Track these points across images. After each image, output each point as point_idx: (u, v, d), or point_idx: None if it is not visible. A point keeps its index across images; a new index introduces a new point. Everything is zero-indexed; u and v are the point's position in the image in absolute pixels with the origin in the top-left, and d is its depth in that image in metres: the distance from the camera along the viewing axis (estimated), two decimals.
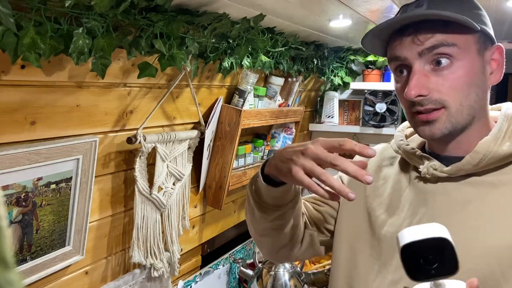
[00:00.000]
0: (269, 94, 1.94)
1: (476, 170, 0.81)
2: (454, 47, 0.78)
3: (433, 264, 0.60)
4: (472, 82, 0.80)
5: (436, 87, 0.79)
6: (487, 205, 0.80)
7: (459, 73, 0.79)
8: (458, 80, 0.79)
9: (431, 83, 0.79)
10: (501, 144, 0.80)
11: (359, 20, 1.56)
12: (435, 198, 0.84)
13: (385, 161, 0.99)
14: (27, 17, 0.84)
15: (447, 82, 0.79)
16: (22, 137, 1.00)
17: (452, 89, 0.79)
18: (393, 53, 0.84)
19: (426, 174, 0.85)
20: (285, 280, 1.84)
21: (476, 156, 0.80)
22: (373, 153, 0.74)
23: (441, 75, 0.79)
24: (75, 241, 1.18)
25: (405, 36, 0.81)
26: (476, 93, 0.81)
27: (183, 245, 1.65)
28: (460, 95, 0.79)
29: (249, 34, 1.46)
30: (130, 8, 1.00)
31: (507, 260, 0.75)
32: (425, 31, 0.79)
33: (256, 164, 1.98)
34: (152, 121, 1.36)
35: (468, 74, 0.79)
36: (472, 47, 0.80)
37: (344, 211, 1.00)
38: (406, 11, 0.84)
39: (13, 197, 1.00)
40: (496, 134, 0.81)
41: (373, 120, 2.44)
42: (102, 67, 1.02)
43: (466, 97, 0.80)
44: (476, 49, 0.81)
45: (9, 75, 0.92)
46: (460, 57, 0.79)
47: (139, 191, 1.32)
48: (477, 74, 0.81)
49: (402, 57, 0.82)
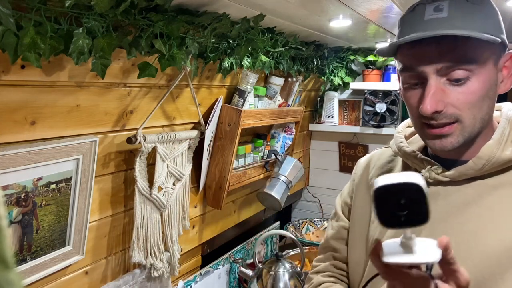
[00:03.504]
0: (269, 94, 1.94)
1: (479, 174, 0.81)
2: (474, 63, 0.76)
3: (404, 211, 0.60)
4: (486, 95, 0.78)
5: (452, 102, 0.77)
6: (487, 207, 0.79)
7: (475, 88, 0.77)
8: (474, 95, 0.77)
9: (447, 97, 0.77)
10: (504, 149, 0.80)
11: (359, 20, 1.56)
12: (435, 201, 0.83)
13: (385, 166, 0.99)
14: (27, 17, 0.84)
15: (463, 96, 0.77)
16: (22, 137, 1.00)
17: (467, 104, 0.77)
18: (408, 62, 0.80)
19: (428, 178, 0.84)
20: (285, 280, 1.84)
21: (479, 162, 0.80)
22: None
23: (457, 90, 0.77)
24: (75, 241, 1.18)
25: (423, 48, 0.77)
26: (488, 105, 0.80)
27: (183, 245, 1.65)
28: (474, 109, 0.78)
29: (249, 34, 1.46)
30: (130, 8, 1.00)
31: (506, 262, 0.75)
32: (447, 46, 0.75)
33: (256, 164, 1.98)
34: (152, 121, 1.36)
35: (484, 88, 0.77)
36: (490, 59, 0.78)
37: (351, 227, 1.02)
38: (423, 14, 0.78)
39: (13, 197, 1.00)
40: (499, 139, 0.81)
41: (373, 120, 2.44)
42: (102, 67, 1.02)
43: (479, 111, 0.78)
44: (493, 60, 0.79)
45: (9, 75, 0.92)
46: (478, 71, 0.76)
47: (139, 191, 1.32)
48: (491, 86, 0.79)
49: (419, 70, 0.78)
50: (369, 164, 1.03)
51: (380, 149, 1.05)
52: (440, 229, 0.81)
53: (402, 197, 0.60)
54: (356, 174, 1.05)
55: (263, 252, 2.34)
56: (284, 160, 2.03)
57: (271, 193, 1.92)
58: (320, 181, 2.83)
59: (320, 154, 2.83)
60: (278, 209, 2.05)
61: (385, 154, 1.01)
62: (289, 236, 2.01)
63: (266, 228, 2.39)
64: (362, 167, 1.04)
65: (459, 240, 0.79)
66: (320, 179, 2.83)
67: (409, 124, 1.00)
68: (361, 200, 1.01)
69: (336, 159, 2.76)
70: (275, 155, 2.06)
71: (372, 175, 1.00)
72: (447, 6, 0.77)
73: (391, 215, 0.61)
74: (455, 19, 0.76)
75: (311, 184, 2.87)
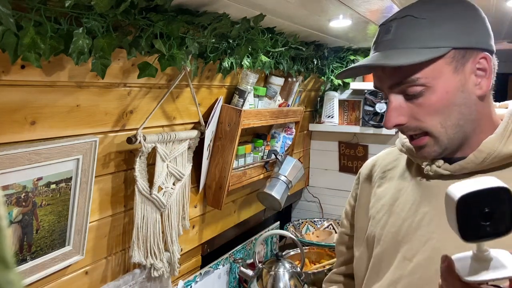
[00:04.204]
0: (269, 94, 1.94)
1: (480, 168, 0.81)
2: (421, 80, 0.78)
3: (487, 221, 0.55)
4: (449, 103, 0.79)
5: (412, 115, 0.81)
6: None
7: (432, 100, 0.79)
8: (432, 106, 0.79)
9: (406, 112, 0.81)
10: (507, 143, 0.79)
11: (359, 20, 1.56)
12: (436, 197, 0.84)
13: (389, 164, 1.00)
14: (27, 17, 0.84)
15: (422, 109, 0.80)
16: (22, 137, 1.00)
17: (428, 115, 0.80)
18: (374, 83, 0.88)
19: (429, 171, 0.85)
20: (285, 280, 1.84)
21: (480, 155, 0.80)
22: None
23: (415, 103, 0.80)
24: (75, 241, 1.18)
25: (375, 70, 0.85)
26: (459, 111, 0.80)
27: (183, 245, 1.65)
28: (438, 119, 0.80)
29: (249, 34, 1.46)
30: (130, 8, 1.00)
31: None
32: (388, 70, 0.81)
33: (256, 164, 1.98)
34: (152, 121, 1.36)
35: (443, 98, 0.78)
36: (445, 69, 0.78)
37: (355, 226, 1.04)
38: (379, 36, 0.84)
39: (13, 197, 1.00)
40: (502, 133, 0.81)
41: (373, 120, 2.44)
42: (102, 67, 1.02)
43: (447, 119, 0.79)
44: (451, 70, 0.79)
45: (9, 75, 0.92)
46: (431, 83, 0.78)
47: (139, 191, 1.32)
48: (454, 93, 0.79)
49: (379, 88, 0.85)
50: (375, 164, 1.05)
51: (388, 149, 1.07)
52: (440, 225, 0.81)
53: (488, 205, 0.55)
54: (362, 174, 1.07)
55: (263, 252, 2.34)
56: (284, 160, 2.03)
57: (271, 193, 1.92)
58: (320, 181, 2.83)
59: (320, 154, 2.83)
60: (278, 209, 2.05)
61: (392, 153, 1.03)
62: (289, 236, 2.01)
63: (266, 228, 2.39)
64: (368, 167, 1.06)
65: None
66: (320, 179, 2.83)
67: None
68: (364, 197, 1.02)
69: (336, 159, 2.76)
70: (275, 155, 2.06)
71: (376, 174, 1.01)
72: (395, 27, 0.81)
73: (473, 227, 0.56)
74: (397, 40, 0.80)
75: (311, 184, 2.87)
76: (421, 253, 0.83)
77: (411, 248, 0.85)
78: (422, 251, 0.83)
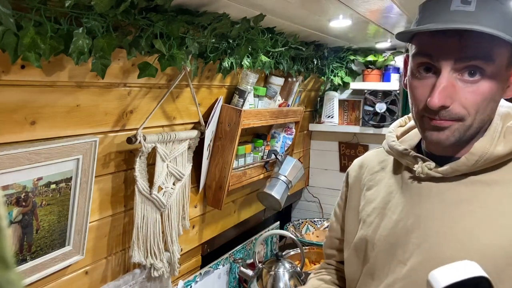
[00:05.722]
0: (269, 94, 1.94)
1: (472, 170, 0.81)
2: (491, 62, 0.73)
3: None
4: (492, 98, 0.77)
5: (460, 100, 0.75)
6: (481, 205, 0.79)
7: (485, 89, 0.75)
8: (481, 96, 0.75)
9: (456, 94, 0.75)
10: (497, 145, 0.79)
11: (359, 20, 1.56)
12: (429, 199, 0.83)
13: (377, 166, 0.99)
14: (27, 17, 0.84)
15: (472, 96, 0.75)
16: (22, 137, 1.00)
17: (474, 105, 0.76)
18: (425, 50, 0.77)
19: (421, 173, 0.84)
20: (285, 280, 1.84)
21: (472, 158, 0.79)
22: None
23: (467, 87, 0.75)
24: (75, 241, 1.18)
25: (445, 39, 0.74)
26: (491, 108, 0.79)
27: (183, 245, 1.65)
28: (478, 111, 0.76)
29: (249, 34, 1.46)
30: (130, 8, 1.00)
31: (501, 261, 0.74)
32: (470, 41, 0.73)
33: (256, 164, 1.98)
34: (152, 121, 1.36)
35: (492, 90, 0.76)
36: (504, 62, 0.76)
37: (346, 228, 1.03)
38: (449, 4, 0.75)
39: (13, 197, 1.00)
40: (491, 135, 0.80)
41: (373, 120, 2.44)
42: (102, 67, 1.02)
43: (482, 112, 0.77)
44: (506, 64, 0.77)
45: (9, 75, 0.92)
46: (491, 72, 0.74)
47: (139, 191, 1.32)
48: (499, 89, 0.77)
49: (435, 58, 0.76)
50: (362, 165, 1.03)
51: (374, 150, 1.06)
52: (434, 227, 0.81)
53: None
54: (350, 176, 1.05)
55: (263, 252, 2.34)
56: (284, 160, 2.03)
57: (271, 193, 1.92)
58: (320, 181, 2.83)
59: (320, 154, 2.83)
60: (278, 209, 2.05)
61: (378, 154, 1.01)
62: (289, 236, 2.01)
63: (266, 228, 2.39)
64: (356, 169, 1.05)
65: (453, 239, 0.78)
66: (320, 179, 2.83)
67: (400, 124, 1.00)
68: (353, 200, 1.01)
69: (336, 159, 2.76)
70: (275, 155, 2.06)
71: (364, 177, 1.00)
72: (477, 1, 0.74)
73: None
74: (482, 14, 0.73)
75: (311, 184, 2.87)
76: (415, 256, 0.82)
77: (405, 251, 0.83)
78: (416, 254, 0.82)
